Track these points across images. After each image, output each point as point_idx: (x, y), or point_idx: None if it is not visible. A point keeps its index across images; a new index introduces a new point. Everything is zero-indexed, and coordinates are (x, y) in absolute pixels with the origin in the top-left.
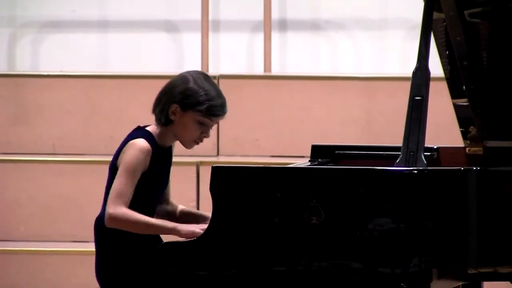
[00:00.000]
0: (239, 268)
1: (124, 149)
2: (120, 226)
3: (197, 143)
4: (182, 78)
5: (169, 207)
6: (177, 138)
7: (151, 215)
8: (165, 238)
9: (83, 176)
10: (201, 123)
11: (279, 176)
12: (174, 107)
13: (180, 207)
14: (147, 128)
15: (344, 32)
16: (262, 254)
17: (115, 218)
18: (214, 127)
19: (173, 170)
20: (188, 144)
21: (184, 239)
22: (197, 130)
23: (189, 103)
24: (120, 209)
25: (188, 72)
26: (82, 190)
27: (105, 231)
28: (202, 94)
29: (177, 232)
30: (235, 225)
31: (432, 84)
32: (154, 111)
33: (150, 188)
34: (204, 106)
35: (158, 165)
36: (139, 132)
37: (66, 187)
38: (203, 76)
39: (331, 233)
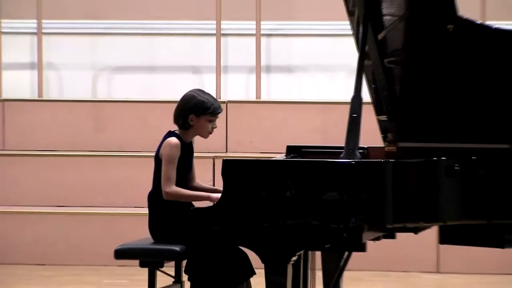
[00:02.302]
0: (239, 224)
1: (163, 145)
2: (174, 198)
3: (211, 133)
4: (190, 96)
5: (199, 184)
6: (197, 134)
7: (184, 188)
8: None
9: (135, 165)
10: (210, 121)
11: (266, 165)
12: (191, 116)
13: (200, 184)
14: (175, 131)
15: (307, 73)
16: (255, 215)
17: (170, 194)
18: (224, 133)
19: (197, 162)
20: (205, 136)
21: (212, 203)
22: (209, 126)
23: (200, 111)
24: (171, 188)
25: (191, 91)
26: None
27: (155, 202)
28: (206, 102)
29: (209, 199)
30: (237, 197)
31: (364, 106)
32: (176, 122)
33: (182, 169)
34: (210, 110)
35: (185, 154)
36: (171, 134)
37: (129, 172)
38: (201, 91)
39: (299, 202)
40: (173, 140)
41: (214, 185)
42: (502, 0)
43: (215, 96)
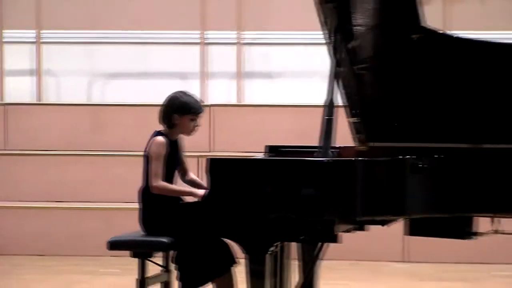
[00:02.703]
0: (223, 217)
1: (150, 144)
2: (161, 192)
3: (194, 132)
4: (174, 97)
5: (190, 177)
6: (180, 132)
7: (172, 183)
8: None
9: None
10: (192, 120)
11: (247, 163)
12: (175, 116)
13: (193, 177)
14: (161, 131)
15: (285, 79)
16: (237, 209)
17: (157, 188)
18: (208, 134)
19: (187, 161)
20: (188, 134)
21: (198, 199)
22: (191, 124)
23: (183, 111)
24: (159, 183)
25: (175, 92)
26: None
27: (145, 197)
28: (188, 103)
29: (194, 195)
30: (221, 192)
31: (337, 109)
32: (161, 121)
33: (170, 165)
34: (192, 110)
35: (172, 151)
36: (157, 133)
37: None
38: (184, 92)
39: (277, 197)
40: (160, 139)
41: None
42: (464, 11)
43: (192, 94)
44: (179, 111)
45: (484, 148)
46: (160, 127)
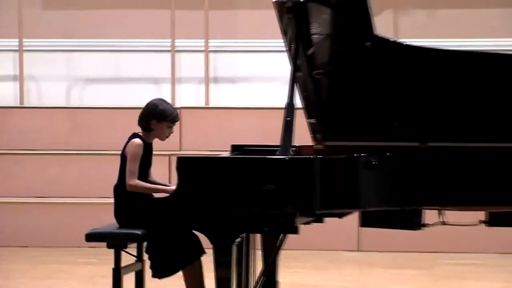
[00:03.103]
0: (191, 211)
1: (128, 145)
2: (136, 190)
3: (168, 137)
4: (154, 104)
5: (154, 179)
6: (156, 136)
7: (145, 181)
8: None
9: (104, 162)
10: (169, 127)
11: (214, 161)
12: (153, 121)
13: (156, 179)
14: (139, 133)
15: (249, 83)
16: (204, 204)
17: (132, 186)
18: (178, 135)
19: (155, 159)
20: (163, 139)
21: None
22: (167, 131)
23: (161, 117)
24: (134, 181)
25: (155, 99)
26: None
27: (120, 192)
28: (167, 111)
29: (166, 191)
30: (190, 188)
31: (297, 111)
32: (140, 124)
33: (144, 166)
34: (169, 118)
35: (146, 153)
36: (135, 135)
37: (99, 168)
38: (163, 100)
39: (242, 192)
40: (137, 140)
41: (169, 178)
42: (412, 21)
43: (170, 103)
44: (158, 117)
45: (431, 147)
46: (134, 129)
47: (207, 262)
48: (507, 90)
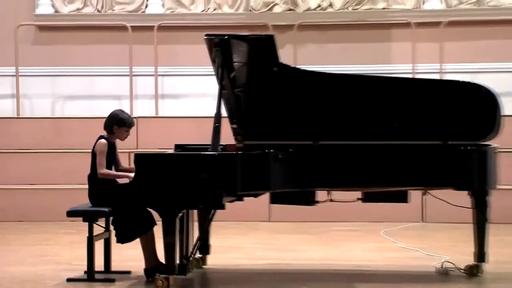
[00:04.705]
0: (145, 193)
1: (96, 144)
2: (105, 177)
3: (126, 138)
4: (115, 114)
5: (122, 166)
6: (117, 138)
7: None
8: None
9: (81, 158)
10: (127, 130)
11: (161, 156)
12: (115, 126)
13: (124, 166)
14: (104, 136)
15: (189, 98)
16: (155, 188)
17: (102, 174)
18: (135, 137)
19: (119, 155)
20: (122, 140)
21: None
22: (125, 134)
23: (120, 123)
24: (103, 170)
25: (115, 110)
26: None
27: (92, 180)
28: (124, 119)
29: (128, 177)
30: (144, 176)
31: (223, 119)
32: (105, 129)
33: (109, 159)
34: (126, 124)
35: (110, 150)
36: (101, 137)
37: (77, 162)
38: (122, 110)
39: (183, 180)
40: (102, 140)
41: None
42: (307, 52)
43: (130, 114)
44: (118, 124)
45: (321, 144)
46: (103, 133)
47: (158, 231)
48: (368, 103)
